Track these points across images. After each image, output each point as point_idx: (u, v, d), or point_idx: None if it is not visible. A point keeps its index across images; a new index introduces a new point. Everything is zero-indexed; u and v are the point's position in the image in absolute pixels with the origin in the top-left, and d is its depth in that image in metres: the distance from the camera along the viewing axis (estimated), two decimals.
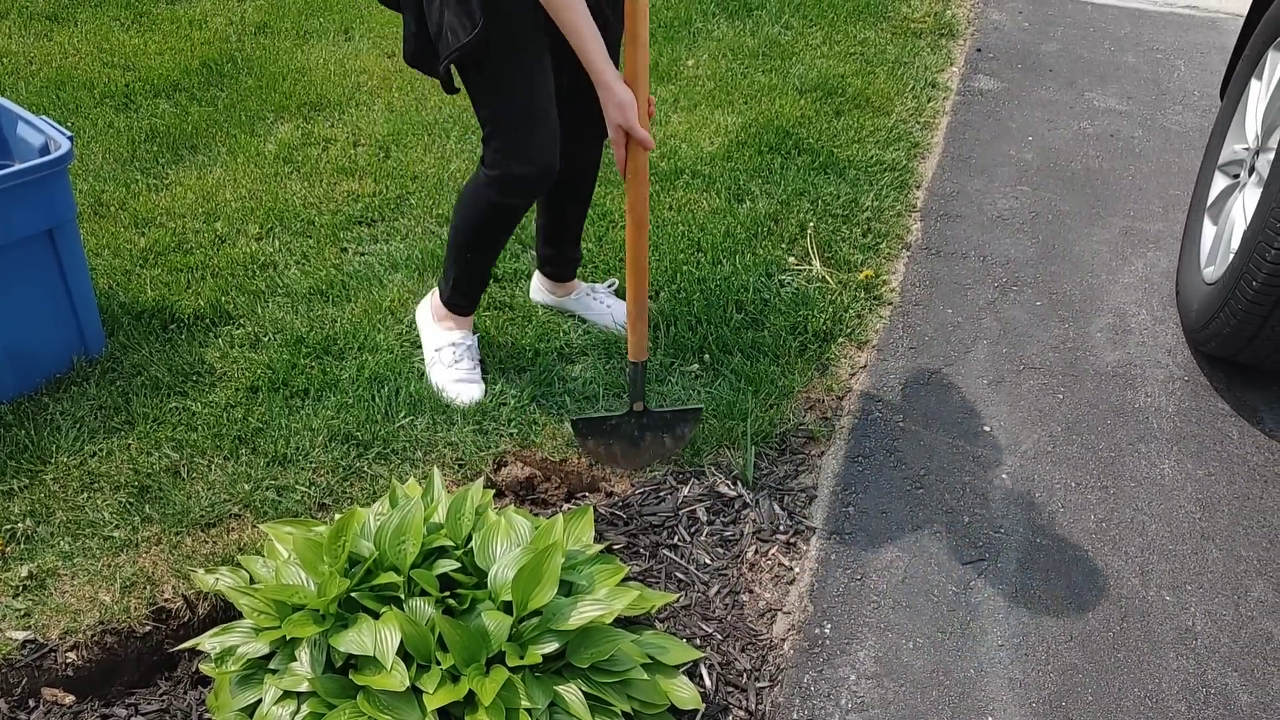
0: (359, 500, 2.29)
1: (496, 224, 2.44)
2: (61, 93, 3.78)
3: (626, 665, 1.76)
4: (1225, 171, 3.13)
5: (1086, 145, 4.06)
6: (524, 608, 1.71)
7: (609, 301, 2.86)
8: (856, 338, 2.92)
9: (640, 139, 2.11)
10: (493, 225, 2.45)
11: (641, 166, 2.16)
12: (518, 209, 2.40)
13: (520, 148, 2.28)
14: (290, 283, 2.91)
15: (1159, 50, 4.96)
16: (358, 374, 2.60)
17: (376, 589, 1.74)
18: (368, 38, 4.39)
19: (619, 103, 2.09)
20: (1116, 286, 3.24)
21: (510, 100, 2.25)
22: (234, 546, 2.16)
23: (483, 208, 2.39)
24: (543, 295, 2.89)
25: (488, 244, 2.50)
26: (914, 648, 2.12)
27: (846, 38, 4.66)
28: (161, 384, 2.54)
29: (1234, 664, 2.12)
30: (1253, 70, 3.06)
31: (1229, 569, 2.33)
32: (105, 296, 2.78)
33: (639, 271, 2.26)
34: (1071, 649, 2.13)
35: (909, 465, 2.54)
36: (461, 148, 3.60)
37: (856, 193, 3.51)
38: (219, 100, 3.82)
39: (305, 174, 3.41)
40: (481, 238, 2.48)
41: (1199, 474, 2.57)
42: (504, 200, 2.35)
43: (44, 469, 2.30)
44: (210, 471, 2.33)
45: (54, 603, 2.03)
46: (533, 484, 2.45)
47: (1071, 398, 2.79)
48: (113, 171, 3.35)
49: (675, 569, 2.25)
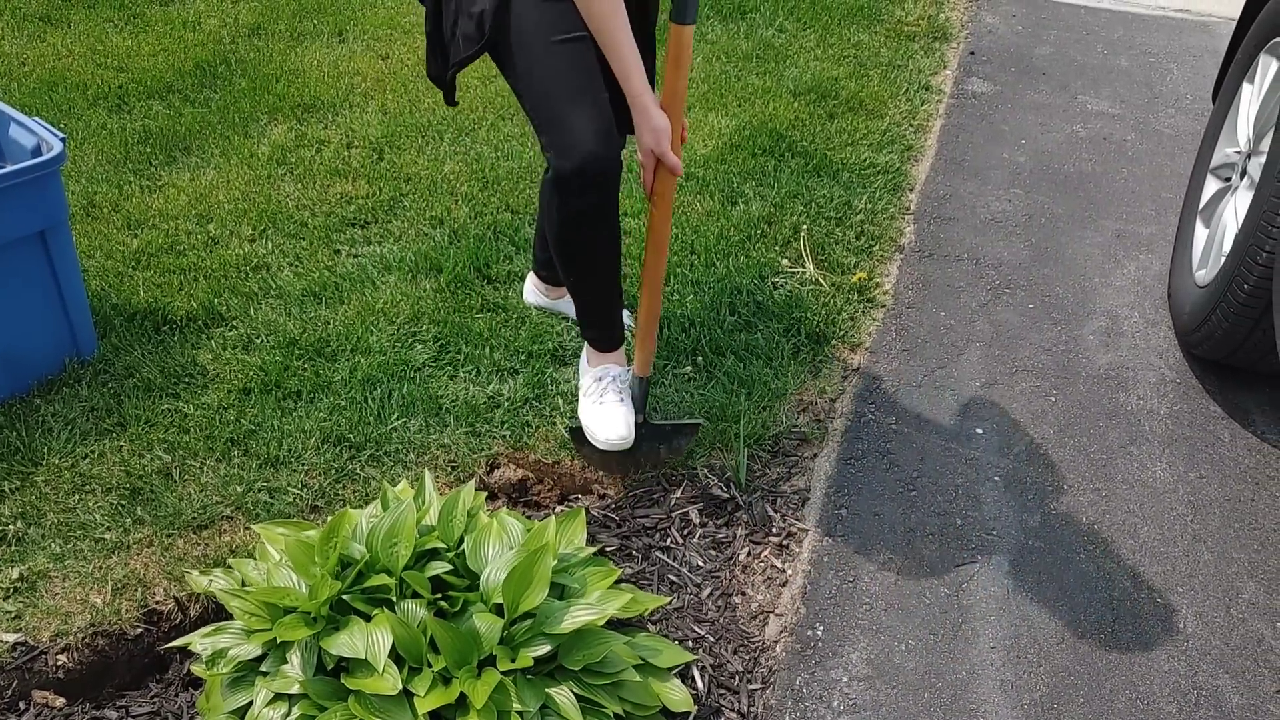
0: (351, 502, 2.29)
1: (577, 232, 2.19)
2: (55, 94, 3.77)
3: (618, 667, 1.76)
4: (1217, 175, 3.14)
5: (1079, 148, 4.07)
6: (516, 610, 1.71)
7: None
8: (849, 340, 2.93)
9: (671, 165, 2.07)
10: (574, 234, 2.20)
11: (668, 191, 2.14)
12: (589, 209, 2.14)
13: (564, 141, 2.08)
14: (283, 284, 2.91)
15: (1151, 53, 4.97)
16: (350, 376, 2.60)
17: (368, 591, 1.74)
18: (361, 39, 4.39)
19: (654, 128, 2.05)
20: (1109, 289, 3.25)
21: (540, 91, 2.11)
22: (226, 549, 2.16)
23: (554, 215, 2.19)
24: (536, 297, 2.89)
25: (583, 256, 2.25)
26: (906, 650, 2.12)
27: (840, 41, 4.67)
28: (154, 386, 2.53)
29: (1225, 666, 2.12)
30: (1244, 74, 3.07)
31: (1220, 571, 2.33)
32: (98, 298, 2.77)
33: (654, 292, 2.27)
34: (1063, 651, 2.13)
35: (901, 467, 2.55)
36: (455, 149, 3.60)
37: (850, 195, 3.51)
38: (212, 102, 3.81)
39: (298, 176, 3.41)
40: (574, 251, 2.24)
41: (1191, 476, 2.58)
42: (567, 201, 2.13)
43: (35, 471, 2.29)
44: (202, 473, 2.32)
45: (45, 605, 2.02)
46: (525, 486, 2.45)
47: (1063, 400, 2.79)
48: (105, 173, 3.35)
49: (668, 571, 2.25)
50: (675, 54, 2.04)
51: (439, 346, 2.72)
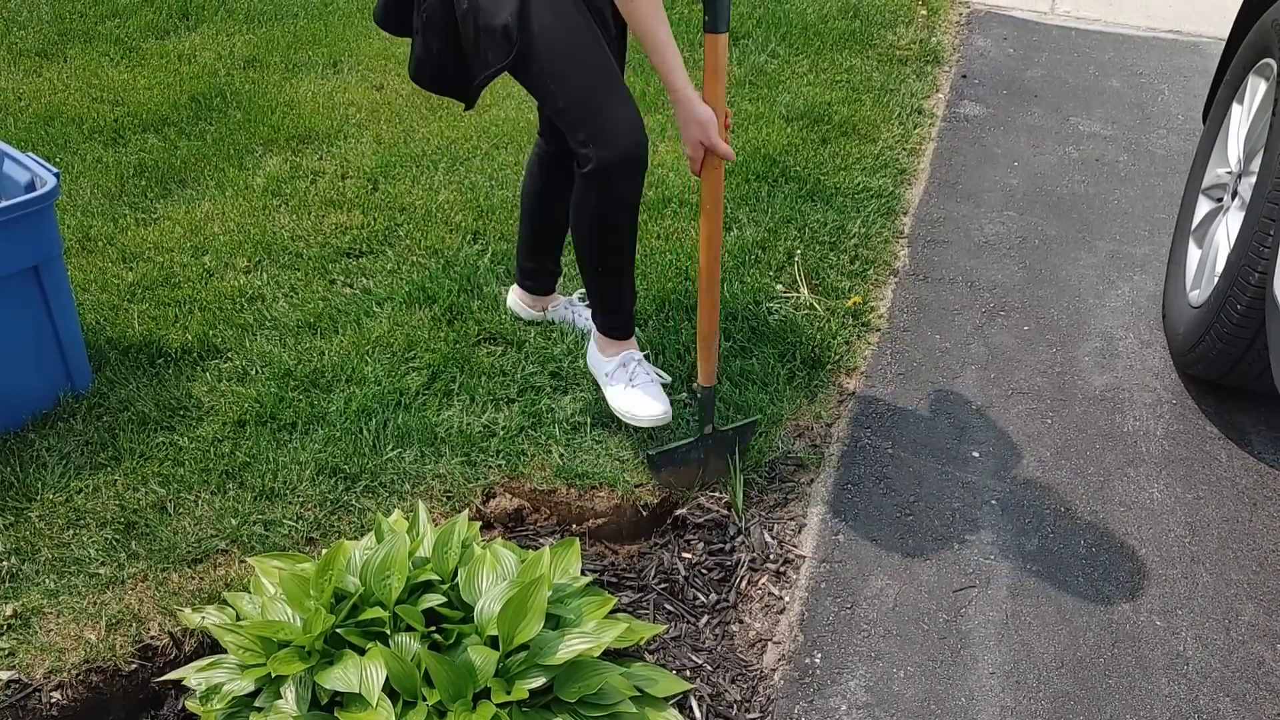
0: (347, 534, 2.28)
1: (613, 227, 2.32)
2: (51, 128, 3.79)
3: (615, 699, 1.75)
4: (1209, 195, 3.15)
5: (1072, 170, 4.08)
6: (510, 642, 1.70)
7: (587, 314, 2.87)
8: (845, 365, 2.93)
9: (723, 153, 2.15)
10: (611, 229, 2.32)
11: (718, 183, 2.19)
12: (629, 195, 2.27)
13: (607, 133, 2.18)
14: (278, 315, 2.91)
15: (1143, 74, 5.00)
16: (345, 406, 2.59)
17: (362, 624, 1.73)
18: (356, 70, 4.41)
19: (701, 120, 2.11)
20: (1103, 310, 3.25)
21: (578, 91, 2.19)
22: (221, 582, 2.15)
23: (590, 212, 2.29)
24: (521, 309, 2.89)
25: (614, 251, 2.37)
26: (905, 676, 2.11)
27: (833, 65, 4.69)
28: (148, 419, 2.53)
29: (1225, 689, 2.11)
30: (1234, 95, 3.08)
31: (1219, 593, 2.33)
32: (92, 331, 2.77)
33: (712, 302, 2.31)
34: (1063, 676, 2.12)
35: (898, 492, 2.54)
36: (449, 179, 3.61)
37: (844, 220, 3.52)
38: (207, 134, 3.83)
39: (293, 207, 3.42)
40: (606, 247, 2.35)
41: (1188, 497, 2.57)
42: (609, 196, 2.24)
43: (29, 506, 2.29)
44: (197, 507, 2.32)
45: (39, 641, 2.01)
46: (522, 515, 2.45)
47: (1060, 422, 2.79)
48: (101, 206, 3.35)
49: (664, 600, 2.24)
50: (712, 63, 2.10)
51: (434, 376, 2.71)
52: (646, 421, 2.43)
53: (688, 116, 2.12)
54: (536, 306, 2.88)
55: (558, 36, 2.17)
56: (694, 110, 2.11)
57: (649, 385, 2.48)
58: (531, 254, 2.79)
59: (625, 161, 2.20)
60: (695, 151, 2.16)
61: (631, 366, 2.49)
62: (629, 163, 2.20)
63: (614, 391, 2.49)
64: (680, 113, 2.14)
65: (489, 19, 2.17)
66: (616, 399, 2.48)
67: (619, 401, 2.47)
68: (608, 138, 2.18)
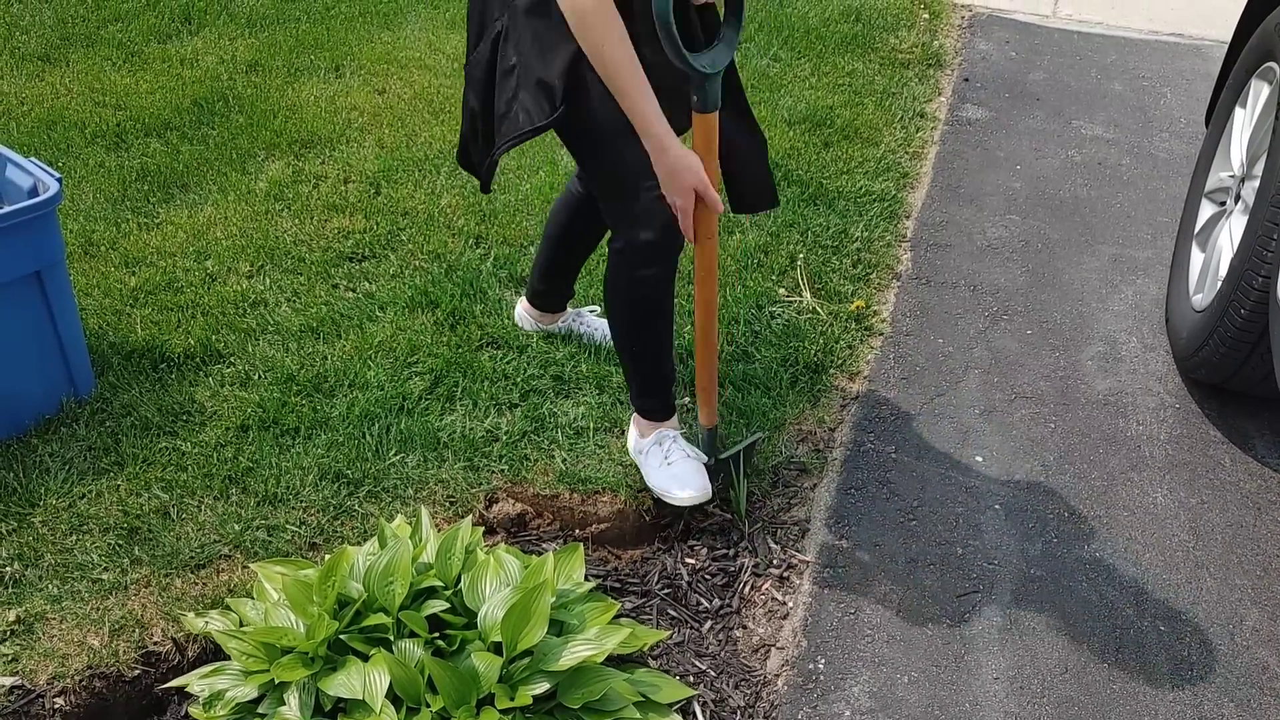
0: (350, 539, 2.28)
1: (645, 303, 2.23)
2: (53, 133, 3.79)
3: (618, 705, 1.75)
4: (1212, 199, 3.14)
5: (1075, 173, 4.08)
6: (514, 648, 1.70)
7: (597, 324, 2.87)
8: (847, 369, 2.92)
9: (712, 200, 1.99)
10: (642, 305, 2.23)
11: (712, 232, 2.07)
12: (658, 279, 2.20)
13: (640, 212, 2.10)
14: (281, 320, 2.91)
15: (1145, 78, 4.99)
16: (348, 411, 2.59)
17: (365, 630, 1.73)
18: (358, 75, 4.41)
19: (690, 166, 1.95)
20: (1107, 314, 3.25)
21: (617, 169, 2.11)
22: (224, 588, 2.15)
23: (623, 289, 2.23)
24: (528, 323, 2.89)
25: (648, 328, 2.29)
26: (909, 682, 2.10)
27: (835, 69, 4.69)
28: (151, 424, 2.53)
29: (1230, 694, 2.10)
30: (1237, 98, 3.08)
31: (1224, 598, 2.32)
32: (95, 336, 2.77)
33: (709, 345, 2.25)
34: (1067, 681, 2.12)
35: (901, 497, 2.54)
36: (451, 183, 3.61)
37: (846, 223, 3.52)
38: (210, 138, 3.83)
39: (296, 211, 3.42)
40: (640, 322, 2.28)
41: (1192, 502, 2.57)
42: (643, 267, 2.17)
43: (32, 512, 2.29)
44: (200, 512, 2.32)
45: (42, 647, 2.01)
46: (524, 520, 2.44)
47: (1063, 426, 2.79)
48: (103, 211, 3.36)
49: (667, 605, 2.24)
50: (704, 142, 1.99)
51: (436, 380, 2.71)
52: (683, 501, 2.33)
53: (675, 163, 1.95)
54: (544, 321, 2.87)
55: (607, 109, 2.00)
56: (681, 156, 1.95)
57: (685, 462, 2.36)
58: (546, 278, 2.76)
59: (658, 241, 2.12)
60: (687, 200, 1.98)
61: (667, 445, 2.38)
62: (658, 243, 2.12)
63: (650, 470, 2.39)
64: (665, 162, 1.96)
65: (532, 73, 2.03)
66: (652, 478, 2.38)
67: (655, 480, 2.37)
68: (643, 217, 2.10)
